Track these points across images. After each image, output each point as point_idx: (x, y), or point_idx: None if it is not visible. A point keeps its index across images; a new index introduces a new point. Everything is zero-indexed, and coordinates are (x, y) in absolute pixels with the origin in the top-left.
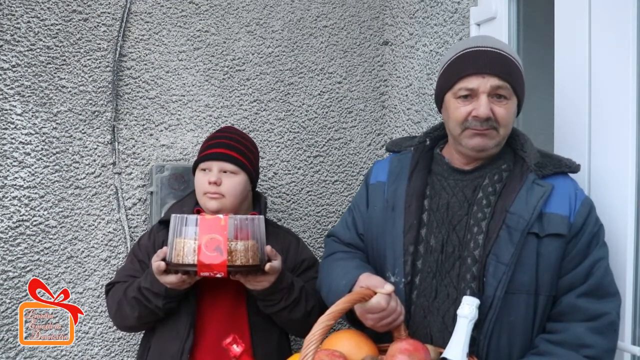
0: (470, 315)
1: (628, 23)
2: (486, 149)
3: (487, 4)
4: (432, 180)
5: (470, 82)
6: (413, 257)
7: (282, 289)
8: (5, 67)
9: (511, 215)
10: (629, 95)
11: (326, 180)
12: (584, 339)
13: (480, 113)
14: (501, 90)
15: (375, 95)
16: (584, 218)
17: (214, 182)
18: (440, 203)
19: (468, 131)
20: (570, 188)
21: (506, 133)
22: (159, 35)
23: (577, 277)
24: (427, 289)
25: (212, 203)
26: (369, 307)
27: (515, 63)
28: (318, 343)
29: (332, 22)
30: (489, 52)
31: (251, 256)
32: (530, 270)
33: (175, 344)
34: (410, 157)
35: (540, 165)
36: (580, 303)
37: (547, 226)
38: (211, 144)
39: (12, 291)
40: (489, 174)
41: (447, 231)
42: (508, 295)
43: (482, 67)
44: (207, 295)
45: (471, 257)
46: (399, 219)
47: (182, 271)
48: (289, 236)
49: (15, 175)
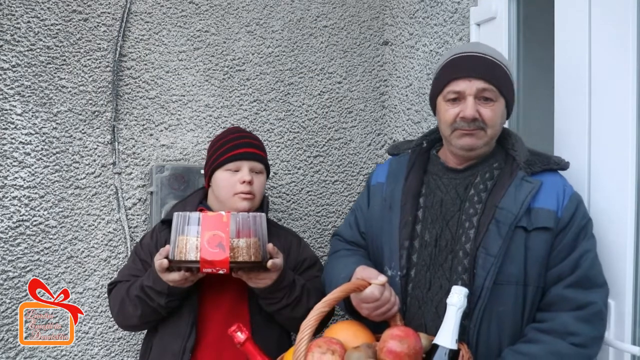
0: (459, 303)
1: (628, 23)
2: (474, 148)
3: (487, 4)
4: (427, 179)
5: (458, 85)
6: (408, 252)
7: (284, 287)
8: (5, 67)
9: (500, 210)
10: (628, 95)
11: (326, 180)
12: (571, 327)
13: (466, 114)
14: (487, 93)
15: (375, 95)
16: (572, 212)
17: (249, 181)
18: (434, 200)
19: (457, 132)
20: (558, 184)
21: (494, 133)
22: (159, 35)
23: (565, 269)
24: (422, 281)
25: (244, 203)
26: (364, 296)
27: (502, 67)
28: (313, 328)
29: (332, 22)
30: (476, 57)
31: (253, 253)
32: (518, 262)
33: (177, 342)
34: (408, 159)
35: (529, 162)
36: (568, 293)
37: (535, 220)
38: (238, 143)
39: (12, 291)
40: (481, 172)
41: (441, 226)
42: (497, 285)
43: (468, 71)
44: (209, 294)
45: (463, 250)
46: (396, 216)
47: (185, 268)
48: (290, 236)
49: (15, 175)
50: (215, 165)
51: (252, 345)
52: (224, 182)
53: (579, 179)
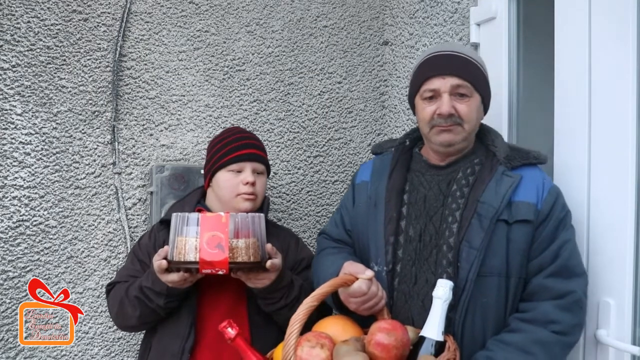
0: (444, 296)
1: (628, 23)
2: (453, 143)
3: (487, 4)
4: (411, 176)
5: (433, 83)
6: (394, 247)
7: (283, 287)
8: (5, 67)
9: (482, 204)
10: (628, 95)
11: (326, 180)
12: (552, 315)
13: (443, 110)
14: (461, 89)
15: (375, 95)
16: (551, 205)
17: (252, 182)
18: (418, 197)
19: (435, 129)
20: (537, 178)
21: (471, 128)
22: (159, 35)
23: (546, 259)
24: (408, 275)
25: (247, 204)
26: (351, 291)
27: (475, 63)
28: (302, 322)
29: (332, 22)
30: (448, 56)
31: (252, 253)
32: (500, 255)
33: (176, 343)
34: (391, 157)
35: (509, 157)
36: (548, 283)
37: (516, 213)
38: (240, 144)
39: (12, 291)
40: (463, 168)
41: (425, 222)
42: (480, 277)
43: (442, 69)
44: (208, 295)
45: (446, 244)
46: (380, 213)
47: (184, 269)
48: (288, 236)
49: (15, 175)
50: (218, 166)
51: (243, 341)
52: (226, 183)
53: (579, 179)
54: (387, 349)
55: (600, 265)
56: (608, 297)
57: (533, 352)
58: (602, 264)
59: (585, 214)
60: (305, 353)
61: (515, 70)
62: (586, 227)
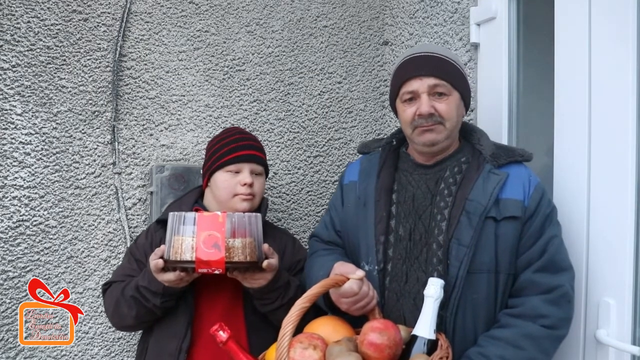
0: (436, 294)
1: (628, 22)
2: (436, 142)
3: (487, 4)
4: (399, 176)
5: (411, 85)
6: (384, 246)
7: (279, 288)
8: (5, 67)
9: (470, 202)
10: (628, 95)
11: (326, 180)
12: (540, 309)
13: (422, 110)
14: (439, 88)
15: (375, 95)
16: (537, 201)
17: (250, 183)
18: (406, 196)
19: (417, 130)
20: (523, 175)
21: (452, 126)
22: (159, 35)
23: (533, 255)
24: (399, 274)
25: (244, 204)
26: (342, 291)
27: (450, 62)
28: (295, 324)
29: (332, 22)
30: (424, 57)
31: (249, 253)
32: (489, 251)
33: (173, 343)
34: (379, 157)
35: (495, 156)
36: (536, 277)
37: (504, 210)
38: (238, 145)
39: (12, 291)
40: (450, 167)
41: (414, 221)
42: (470, 274)
43: (419, 70)
44: (205, 295)
45: (436, 242)
46: (370, 212)
47: (180, 268)
48: (285, 236)
49: (15, 175)
50: (216, 167)
51: (235, 344)
52: (224, 184)
53: (579, 178)
54: (380, 348)
55: (600, 265)
56: (608, 297)
57: (523, 347)
58: (602, 263)
59: (585, 213)
60: (298, 354)
61: (515, 70)
62: (586, 227)
